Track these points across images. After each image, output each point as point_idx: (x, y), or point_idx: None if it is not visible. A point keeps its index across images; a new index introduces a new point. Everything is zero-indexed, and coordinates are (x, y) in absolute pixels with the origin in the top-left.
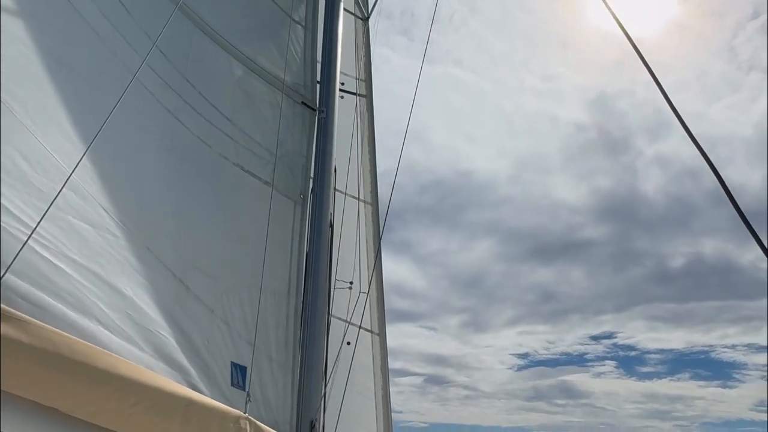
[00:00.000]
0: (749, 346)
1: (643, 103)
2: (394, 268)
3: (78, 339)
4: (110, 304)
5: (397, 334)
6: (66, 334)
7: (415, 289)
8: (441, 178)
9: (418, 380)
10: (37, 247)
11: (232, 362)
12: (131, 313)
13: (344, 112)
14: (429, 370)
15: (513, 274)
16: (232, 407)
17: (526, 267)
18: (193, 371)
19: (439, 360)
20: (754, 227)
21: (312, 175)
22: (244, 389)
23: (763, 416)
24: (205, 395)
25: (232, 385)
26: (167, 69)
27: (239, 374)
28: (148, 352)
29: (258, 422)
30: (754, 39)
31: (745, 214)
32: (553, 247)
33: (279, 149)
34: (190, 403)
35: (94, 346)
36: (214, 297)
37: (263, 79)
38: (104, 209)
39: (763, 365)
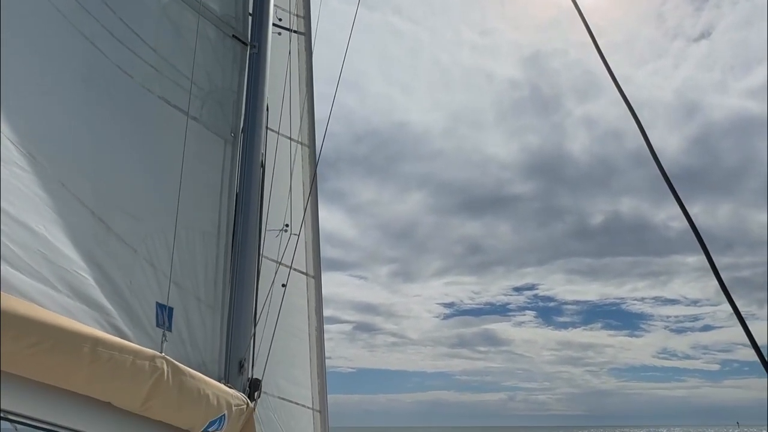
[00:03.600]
0: (656, 299)
1: (574, 63)
2: (326, 217)
3: None
4: (19, 243)
5: (327, 282)
6: None
7: (347, 238)
8: (376, 128)
9: (347, 327)
10: None
11: (157, 303)
12: (44, 252)
13: (281, 48)
14: (358, 317)
15: (443, 227)
16: (151, 347)
17: (456, 220)
18: (114, 311)
19: (369, 308)
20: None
21: (243, 112)
22: (169, 330)
23: (664, 362)
24: (126, 336)
25: (157, 325)
26: None
27: (164, 315)
28: (64, 292)
29: (175, 361)
30: (681, 6)
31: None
32: (482, 202)
33: (208, 84)
34: (97, 342)
35: None
36: (138, 237)
37: (191, 7)
38: (10, 141)
39: (667, 316)
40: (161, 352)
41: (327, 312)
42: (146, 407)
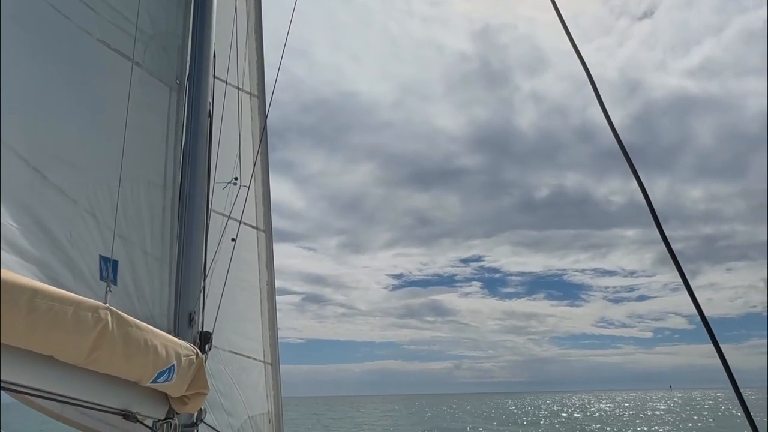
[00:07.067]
0: (596, 270)
1: (523, 38)
2: (274, 187)
3: None
4: None
5: (276, 254)
6: None
7: (295, 209)
8: (324, 98)
9: (296, 299)
10: None
11: (100, 255)
12: None
13: None
14: (307, 289)
15: (391, 198)
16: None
17: (405, 192)
18: (53, 265)
19: (318, 279)
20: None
21: (189, 59)
22: (114, 283)
23: (602, 330)
24: (68, 289)
25: (101, 279)
26: None
27: (108, 268)
28: None
29: (120, 312)
30: None
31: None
32: (430, 174)
33: (151, 28)
34: (35, 293)
35: None
36: (79, 188)
37: None
38: None
39: (606, 287)
40: (106, 303)
41: (276, 284)
42: (91, 360)
